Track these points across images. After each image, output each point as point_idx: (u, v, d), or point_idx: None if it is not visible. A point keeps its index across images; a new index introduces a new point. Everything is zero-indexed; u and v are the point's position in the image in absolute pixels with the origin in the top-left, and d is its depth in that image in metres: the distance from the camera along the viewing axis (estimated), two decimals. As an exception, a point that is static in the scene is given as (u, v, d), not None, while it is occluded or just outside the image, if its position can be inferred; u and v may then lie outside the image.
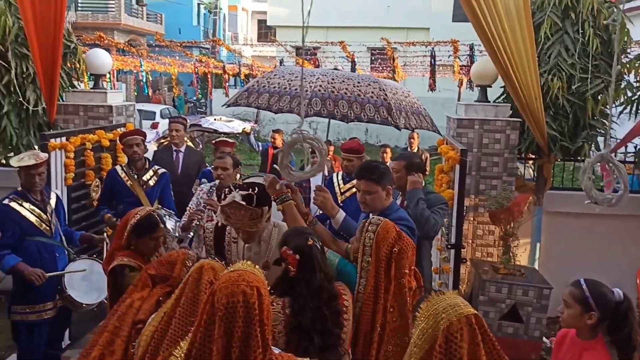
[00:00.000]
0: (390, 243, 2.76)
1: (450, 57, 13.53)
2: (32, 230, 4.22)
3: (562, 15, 5.37)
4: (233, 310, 1.99)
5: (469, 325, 2.03)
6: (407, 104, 3.85)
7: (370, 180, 3.43)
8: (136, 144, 5.15)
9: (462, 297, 2.22)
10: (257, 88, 3.92)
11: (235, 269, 2.13)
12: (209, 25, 35.17)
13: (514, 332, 4.93)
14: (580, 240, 5.97)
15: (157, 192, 5.27)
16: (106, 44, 13.19)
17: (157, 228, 3.33)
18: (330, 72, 3.90)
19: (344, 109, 3.55)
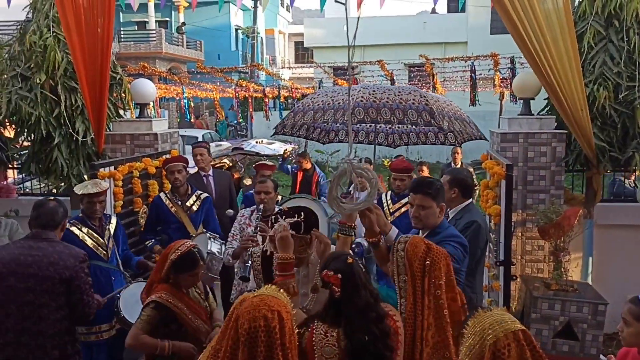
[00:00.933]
0: (421, 257, 2.71)
1: (490, 71, 13.37)
2: (89, 254, 4.32)
3: (605, 24, 5.26)
4: (255, 335, 2.03)
5: (517, 342, 1.99)
6: (450, 111, 3.88)
7: (427, 195, 3.42)
8: (177, 171, 5.26)
9: (512, 314, 2.17)
10: (302, 108, 4.03)
11: (259, 293, 2.17)
12: (247, 50, 35.82)
13: (569, 350, 4.77)
14: (634, 253, 5.77)
15: (200, 216, 5.34)
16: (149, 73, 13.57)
17: (197, 266, 3.39)
18: (371, 85, 3.99)
19: (386, 115, 3.61)
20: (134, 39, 28.28)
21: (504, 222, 4.79)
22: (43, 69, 5.46)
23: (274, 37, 42.38)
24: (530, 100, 5.79)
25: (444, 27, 27.37)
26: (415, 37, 26.80)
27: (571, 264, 5.20)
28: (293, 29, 45.62)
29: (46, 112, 5.53)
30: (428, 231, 3.52)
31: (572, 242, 5.08)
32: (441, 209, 3.48)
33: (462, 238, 3.42)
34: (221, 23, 32.07)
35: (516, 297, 5.49)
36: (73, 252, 3.64)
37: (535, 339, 4.82)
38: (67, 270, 3.50)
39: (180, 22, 31.84)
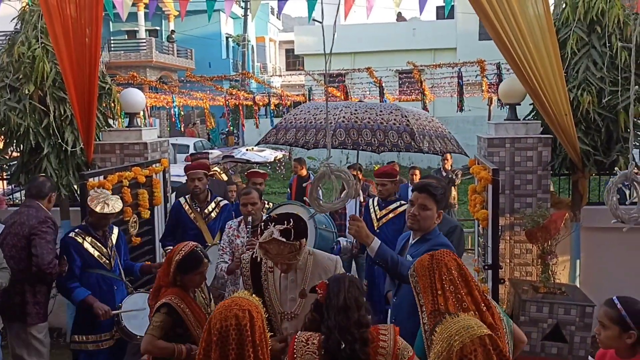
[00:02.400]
0: (427, 265, 2.63)
1: (477, 77, 13.49)
2: (93, 263, 4.47)
3: (587, 30, 5.34)
4: (226, 333, 2.09)
5: (483, 346, 2.01)
6: (431, 129, 3.90)
7: (432, 196, 3.45)
8: (198, 179, 5.33)
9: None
10: (285, 125, 4.05)
11: (233, 296, 2.23)
12: (238, 58, 35.86)
13: (558, 353, 4.82)
14: (621, 255, 5.82)
15: (219, 224, 5.37)
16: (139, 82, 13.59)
17: (202, 264, 3.39)
18: (353, 104, 3.99)
19: (367, 137, 3.63)
20: (124, 48, 28.24)
21: (491, 226, 4.84)
22: (32, 80, 5.48)
23: (265, 44, 42.47)
24: (516, 105, 5.87)
25: (433, 34, 27.51)
26: (405, 44, 26.92)
27: (559, 266, 5.25)
28: (284, 37, 45.74)
29: (35, 122, 5.54)
30: (419, 236, 3.56)
31: (560, 245, 5.13)
32: (439, 215, 3.50)
33: (451, 247, 3.42)
34: (212, 31, 32.08)
35: (505, 300, 5.53)
36: (40, 215, 4.51)
37: (524, 341, 4.86)
38: (28, 229, 4.43)
39: (170, 30, 31.86)
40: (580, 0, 5.36)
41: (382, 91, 14.34)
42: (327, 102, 3.42)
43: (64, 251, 4.45)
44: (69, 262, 4.40)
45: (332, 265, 3.34)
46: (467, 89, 14.16)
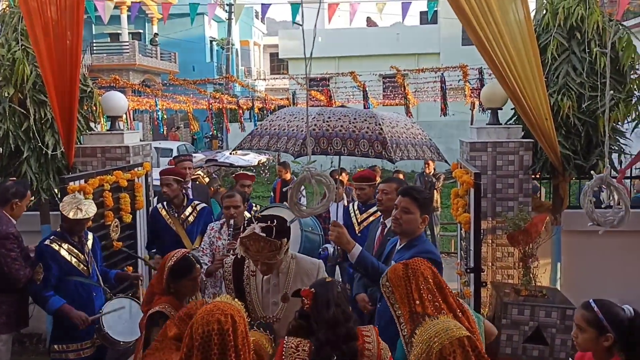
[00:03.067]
0: (402, 274, 2.62)
1: (460, 81, 13.60)
2: (71, 270, 4.39)
3: (567, 36, 5.40)
4: (208, 338, 2.08)
5: (462, 348, 2.04)
6: (409, 136, 3.85)
7: (414, 200, 3.46)
8: (166, 185, 5.29)
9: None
10: (260, 131, 4.01)
11: (215, 301, 2.23)
12: (222, 61, 35.77)
13: (539, 355, 4.85)
14: (601, 258, 5.90)
15: (197, 228, 5.34)
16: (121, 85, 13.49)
17: (194, 269, 3.34)
18: (328, 110, 3.93)
19: (337, 146, 3.58)
20: (107, 51, 28.07)
21: (473, 230, 4.88)
22: (11, 83, 5.41)
23: (249, 48, 42.42)
24: (498, 110, 5.92)
25: (416, 39, 27.72)
26: (388, 49, 27.08)
27: (540, 269, 5.29)
28: (268, 41, 45.72)
29: (15, 125, 5.48)
30: (406, 241, 3.57)
31: (541, 248, 5.18)
32: (423, 219, 3.51)
33: (435, 254, 3.45)
34: (195, 35, 31.95)
35: (487, 303, 5.57)
36: (1, 229, 4.38)
37: (506, 344, 4.93)
38: None
39: (153, 34, 31.69)
40: (560, 7, 5.42)
41: (365, 95, 14.39)
42: (307, 107, 3.41)
43: (40, 259, 4.35)
44: (45, 271, 4.30)
45: (314, 270, 3.35)
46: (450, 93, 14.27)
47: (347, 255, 3.48)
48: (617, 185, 3.22)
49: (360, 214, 5.76)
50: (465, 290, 5.30)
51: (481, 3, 4.18)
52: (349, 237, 3.29)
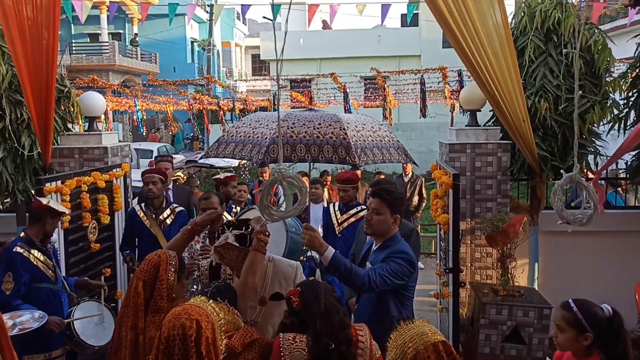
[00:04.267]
0: None
1: (440, 83, 13.71)
2: (41, 277, 4.28)
3: (544, 39, 5.47)
4: (172, 343, 2.06)
5: (437, 353, 2.04)
6: (375, 139, 3.79)
7: (383, 200, 3.48)
8: (152, 182, 5.25)
9: (462, 320, 2.21)
10: (226, 138, 3.95)
11: (188, 303, 2.20)
12: (203, 62, 35.59)
13: (517, 354, 4.90)
14: (578, 258, 5.98)
15: (175, 230, 5.27)
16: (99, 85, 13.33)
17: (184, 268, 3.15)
18: (293, 116, 3.86)
19: (301, 153, 3.55)
20: (86, 52, 27.76)
21: (451, 230, 4.91)
22: (-13, 82, 5.32)
23: (230, 49, 42.26)
24: (477, 111, 5.97)
25: (398, 41, 27.89)
26: (370, 51, 27.19)
27: (518, 269, 5.35)
28: (250, 42, 45.60)
29: (-10, 126, 5.38)
30: (380, 242, 3.58)
31: (519, 249, 5.23)
32: (395, 219, 3.52)
33: (409, 254, 3.45)
34: (176, 36, 31.73)
35: (466, 303, 5.61)
36: None
37: (484, 344, 4.97)
38: None
39: (134, 34, 31.41)
40: (537, 10, 5.49)
41: (346, 97, 14.42)
42: (278, 108, 3.37)
43: (9, 268, 4.17)
44: (16, 279, 4.14)
45: (292, 272, 3.34)
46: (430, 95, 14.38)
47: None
48: (586, 184, 3.27)
49: (341, 215, 5.77)
50: (444, 291, 5.33)
51: (459, 6, 4.22)
52: (321, 240, 3.25)
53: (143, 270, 2.87)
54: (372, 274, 3.28)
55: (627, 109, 5.79)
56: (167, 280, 2.80)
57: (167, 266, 2.83)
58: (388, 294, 3.40)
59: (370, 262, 3.58)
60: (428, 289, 6.95)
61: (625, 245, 6.02)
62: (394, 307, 3.41)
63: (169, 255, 2.91)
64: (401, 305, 3.48)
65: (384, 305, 3.42)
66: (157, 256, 2.90)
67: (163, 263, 2.84)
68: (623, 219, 6.09)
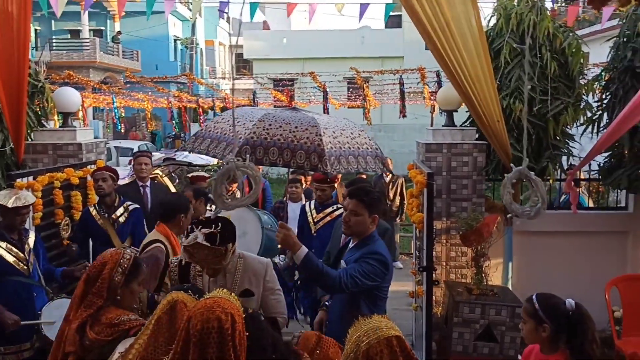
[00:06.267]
0: (312, 348, 2.72)
1: (419, 84, 13.78)
2: (10, 270, 4.22)
3: (520, 41, 5.53)
4: (207, 336, 2.05)
5: (389, 348, 2.03)
6: (352, 146, 3.72)
7: (361, 202, 3.48)
8: (102, 179, 5.17)
9: (437, 319, 2.20)
10: (204, 133, 3.90)
11: (211, 296, 2.18)
12: (186, 61, 35.38)
13: (489, 352, 4.95)
14: (551, 258, 6.06)
15: (128, 229, 5.24)
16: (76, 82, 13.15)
17: (141, 270, 3.08)
18: (271, 116, 3.78)
19: (273, 157, 3.49)
20: (67, 48, 27.39)
21: (426, 229, 4.94)
22: (-42, 76, 5.23)
23: (214, 48, 42.08)
24: (454, 112, 6.02)
25: (381, 42, 27.97)
26: (354, 52, 27.25)
27: (492, 269, 5.41)
28: (233, 41, 45.40)
29: (-39, 121, 5.30)
30: (357, 241, 3.59)
31: (493, 248, 5.29)
32: (373, 219, 3.54)
33: (383, 255, 3.46)
34: (159, 33, 31.50)
35: (441, 302, 5.65)
36: None
37: (458, 342, 5.00)
38: None
39: (116, 31, 31.11)
40: (513, 12, 5.55)
41: (325, 96, 14.43)
42: (233, 104, 3.31)
43: None
44: None
45: (262, 269, 3.34)
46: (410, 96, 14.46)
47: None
48: (534, 178, 3.36)
49: (317, 214, 5.79)
50: (418, 289, 5.37)
51: (434, 8, 4.24)
52: (295, 239, 3.25)
53: (92, 265, 2.90)
54: (344, 275, 3.29)
55: (600, 111, 5.88)
56: (111, 279, 2.79)
57: (114, 266, 2.82)
58: (360, 294, 3.42)
59: (344, 260, 3.59)
60: (406, 288, 6.98)
61: (597, 245, 6.12)
62: (365, 306, 3.42)
63: (122, 255, 2.88)
64: (373, 305, 3.49)
65: (355, 305, 3.43)
66: (110, 254, 2.90)
67: (110, 262, 2.83)
68: (595, 220, 6.19)
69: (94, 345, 2.71)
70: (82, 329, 2.74)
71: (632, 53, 5.49)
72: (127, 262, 2.85)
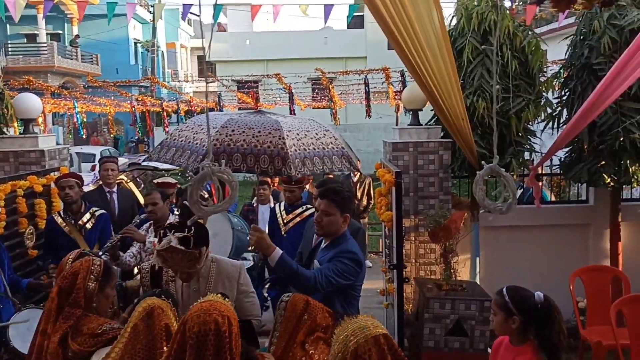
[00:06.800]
0: (300, 313, 2.77)
1: (384, 84, 13.90)
2: None
3: (481, 40, 5.63)
4: (204, 338, 2.07)
5: (377, 346, 2.05)
6: (317, 147, 3.72)
7: (333, 202, 3.51)
8: (69, 186, 5.09)
9: (407, 316, 2.24)
10: (169, 141, 3.83)
11: (207, 299, 2.21)
12: (147, 64, 34.87)
13: (460, 347, 5.03)
14: (516, 252, 6.21)
15: (96, 234, 5.17)
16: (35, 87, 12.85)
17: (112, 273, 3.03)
18: (233, 122, 3.73)
19: (237, 163, 3.46)
20: (23, 53, 26.71)
21: (395, 227, 5.00)
22: None
23: (175, 50, 41.59)
24: (419, 111, 6.09)
25: (344, 43, 28.13)
26: (317, 52, 27.32)
27: (460, 264, 5.49)
28: (195, 43, 44.98)
29: None
30: (329, 241, 3.61)
31: (460, 244, 5.38)
32: (345, 219, 3.57)
33: (356, 253, 3.50)
34: (119, 36, 30.94)
35: (411, 299, 5.72)
36: None
37: (429, 337, 5.06)
38: None
39: (74, 35, 30.46)
40: (474, 12, 5.65)
41: (291, 97, 14.44)
42: (207, 111, 3.28)
43: None
44: None
45: (235, 272, 3.34)
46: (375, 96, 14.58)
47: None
48: (505, 174, 3.45)
49: (287, 215, 5.79)
50: (389, 287, 5.42)
51: (398, 9, 4.29)
52: (269, 241, 3.26)
53: (62, 277, 2.85)
54: (318, 275, 3.32)
55: (560, 107, 6.04)
56: (85, 288, 2.77)
57: (86, 274, 2.80)
58: (334, 293, 3.44)
59: (317, 260, 3.61)
60: (376, 287, 7.04)
61: (560, 238, 6.28)
62: (339, 305, 3.45)
63: (93, 263, 2.86)
64: (347, 303, 3.53)
65: (329, 303, 3.45)
66: (79, 263, 2.87)
67: (82, 271, 2.81)
68: (557, 213, 6.36)
69: (77, 357, 2.67)
70: (64, 341, 2.69)
71: (588, 50, 5.66)
72: (98, 268, 2.84)
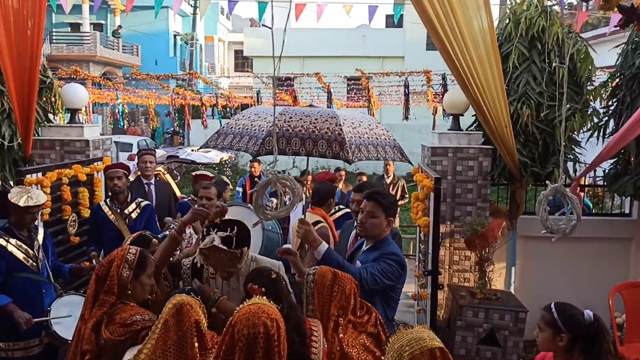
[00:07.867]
0: (329, 285, 2.82)
1: (424, 86, 13.78)
2: (19, 267, 4.20)
3: (529, 46, 5.55)
4: (254, 341, 2.10)
5: (433, 359, 2.05)
6: (371, 136, 3.86)
7: (379, 204, 3.53)
8: (117, 177, 5.20)
9: (439, 323, 2.25)
10: (226, 130, 4.01)
11: (254, 302, 2.25)
12: (185, 56, 35.31)
13: (492, 356, 4.99)
14: (554, 263, 6.09)
15: (140, 224, 5.25)
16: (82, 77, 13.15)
17: (148, 262, 3.08)
18: (291, 110, 3.91)
19: (296, 147, 3.61)
20: (67, 41, 27.32)
21: (432, 233, 4.96)
22: (-32, 72, 5.22)
23: (213, 44, 42.00)
24: (460, 116, 6.03)
25: (382, 42, 27.95)
26: (354, 51, 27.22)
27: (495, 273, 5.44)
28: (233, 37, 45.37)
29: (-30, 115, 5.29)
30: (371, 243, 3.62)
31: (496, 253, 5.32)
32: (388, 222, 3.57)
33: (400, 256, 3.51)
34: (159, 28, 31.43)
35: (443, 305, 5.68)
36: None
37: (460, 345, 5.03)
38: None
39: (116, 25, 31.03)
40: (522, 17, 5.56)
41: (330, 97, 14.43)
42: (275, 106, 3.41)
43: None
44: None
45: None
46: (413, 97, 14.46)
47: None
48: (570, 195, 3.36)
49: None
50: (422, 293, 5.39)
51: (446, 10, 4.25)
52: (315, 234, 3.32)
53: (100, 264, 2.99)
54: (364, 272, 3.35)
55: (607, 117, 5.91)
56: (119, 276, 2.86)
57: (121, 262, 2.90)
58: (376, 293, 3.45)
59: (360, 261, 3.62)
60: (407, 290, 7.00)
61: (600, 251, 6.16)
62: (380, 306, 3.45)
63: (128, 251, 2.96)
64: (387, 305, 3.55)
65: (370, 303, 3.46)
66: (116, 251, 2.98)
67: (117, 259, 2.91)
68: (599, 226, 6.22)
69: (108, 345, 2.74)
70: (97, 327, 2.78)
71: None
72: (133, 256, 2.94)
